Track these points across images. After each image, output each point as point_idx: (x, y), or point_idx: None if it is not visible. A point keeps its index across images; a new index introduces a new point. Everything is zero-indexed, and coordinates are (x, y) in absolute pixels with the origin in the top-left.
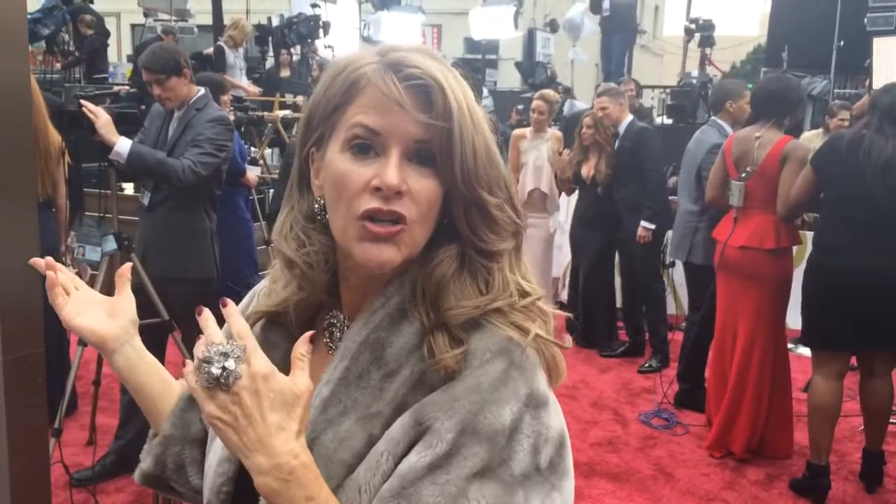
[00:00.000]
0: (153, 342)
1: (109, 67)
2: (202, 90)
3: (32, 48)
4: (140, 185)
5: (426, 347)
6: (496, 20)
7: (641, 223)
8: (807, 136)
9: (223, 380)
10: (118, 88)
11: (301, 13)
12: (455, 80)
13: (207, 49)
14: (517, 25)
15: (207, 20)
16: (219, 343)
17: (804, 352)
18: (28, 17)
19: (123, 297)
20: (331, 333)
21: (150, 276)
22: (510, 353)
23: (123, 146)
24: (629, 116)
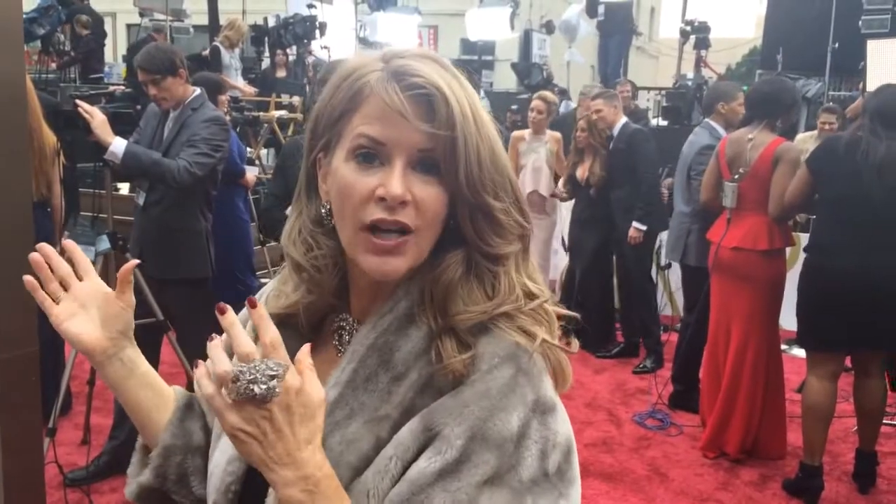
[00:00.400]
0: (148, 342)
1: (105, 67)
2: (198, 90)
3: (28, 48)
4: (135, 185)
5: (434, 351)
6: (492, 21)
7: (633, 224)
8: (800, 139)
9: (260, 397)
10: (113, 88)
11: (297, 14)
12: (460, 87)
13: (204, 51)
14: (513, 27)
15: (203, 20)
16: (261, 360)
17: (798, 353)
18: (24, 17)
19: (121, 302)
20: (340, 336)
21: (145, 276)
22: (518, 359)
23: (118, 147)
24: (623, 119)
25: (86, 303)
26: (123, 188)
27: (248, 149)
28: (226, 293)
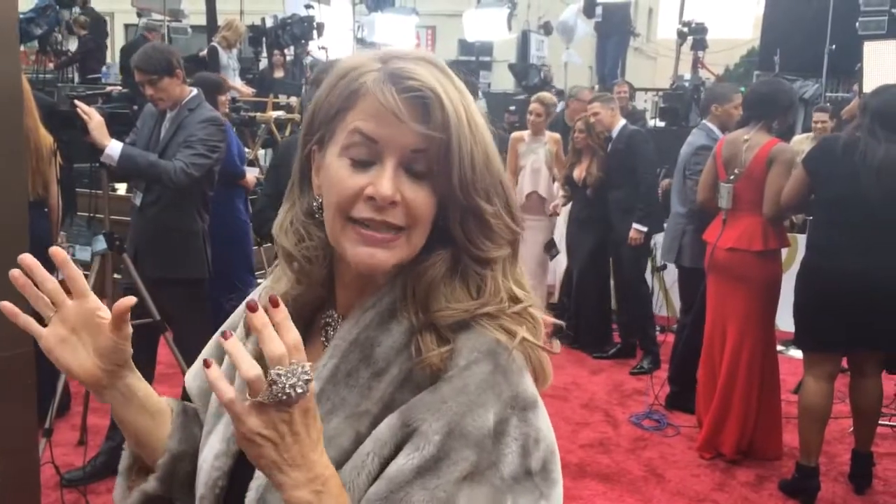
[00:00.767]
0: (144, 342)
1: (103, 68)
2: (195, 91)
3: (25, 48)
4: (132, 186)
5: (414, 347)
6: (490, 22)
7: (633, 225)
8: (797, 140)
9: (295, 399)
10: (110, 89)
11: (295, 14)
12: (455, 91)
13: (202, 51)
14: (511, 27)
15: (201, 21)
16: (297, 364)
17: (795, 354)
18: (21, 17)
19: (117, 337)
20: (326, 333)
21: (142, 277)
22: (496, 356)
23: (114, 149)
24: (621, 121)
25: (77, 327)
26: (121, 188)
27: (246, 149)
28: (225, 294)
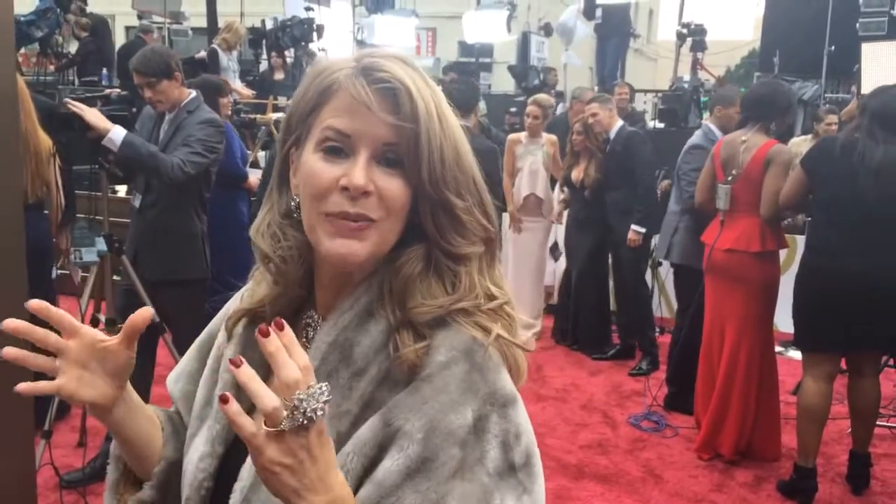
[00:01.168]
0: (144, 344)
1: (103, 70)
2: (193, 93)
3: (26, 50)
4: (131, 188)
5: (392, 345)
6: (489, 24)
7: (632, 226)
8: (795, 142)
9: (306, 422)
10: (109, 91)
11: (295, 16)
12: (425, 86)
13: (200, 53)
14: (510, 29)
15: (202, 22)
16: (315, 388)
17: (794, 355)
18: (22, 20)
19: (128, 350)
20: (307, 333)
21: (141, 278)
22: (473, 354)
23: (117, 134)
24: (619, 122)
25: (86, 362)
26: (121, 191)
27: (248, 151)
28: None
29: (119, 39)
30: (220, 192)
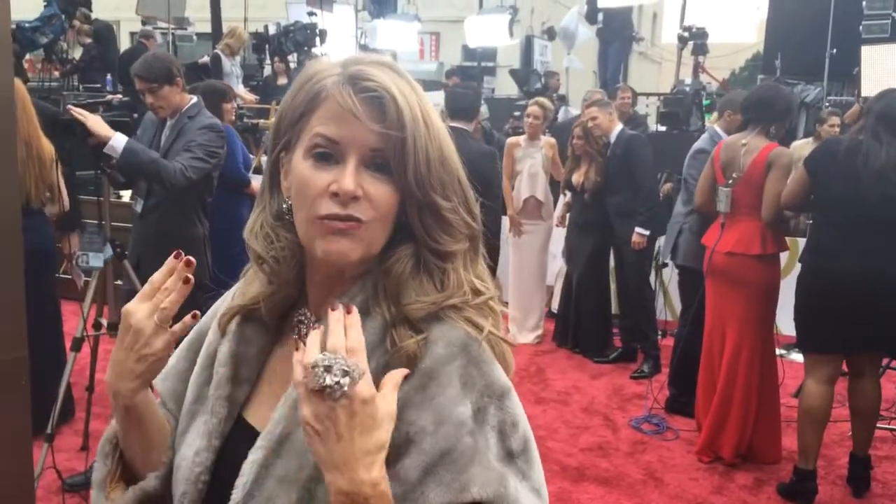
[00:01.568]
0: None
1: (107, 76)
2: (195, 98)
3: (31, 56)
4: (134, 193)
5: (389, 340)
6: (491, 28)
7: (636, 229)
8: (797, 145)
9: (328, 390)
10: (111, 97)
11: (298, 21)
12: (412, 92)
13: (203, 58)
14: (512, 33)
15: (206, 28)
16: (342, 357)
17: (796, 357)
18: (27, 26)
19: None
20: (300, 331)
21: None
22: (469, 348)
23: (119, 141)
24: (619, 125)
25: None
26: (125, 196)
27: (251, 156)
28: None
29: (124, 45)
30: (223, 197)
